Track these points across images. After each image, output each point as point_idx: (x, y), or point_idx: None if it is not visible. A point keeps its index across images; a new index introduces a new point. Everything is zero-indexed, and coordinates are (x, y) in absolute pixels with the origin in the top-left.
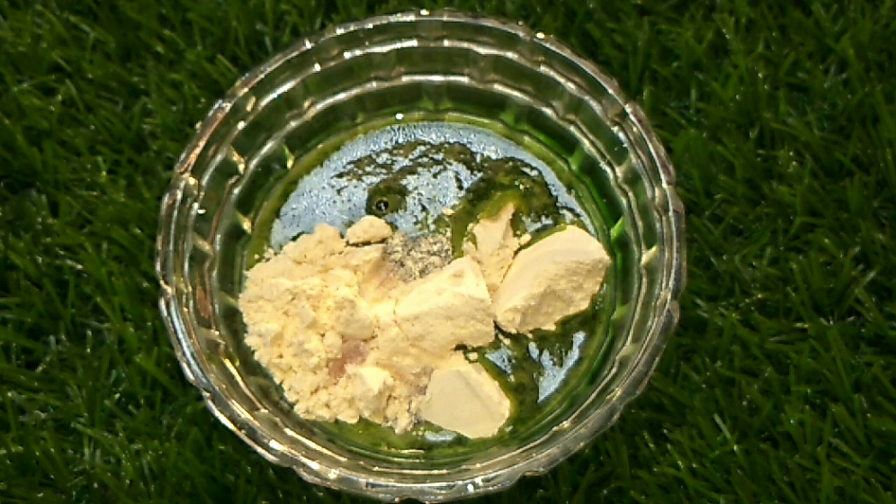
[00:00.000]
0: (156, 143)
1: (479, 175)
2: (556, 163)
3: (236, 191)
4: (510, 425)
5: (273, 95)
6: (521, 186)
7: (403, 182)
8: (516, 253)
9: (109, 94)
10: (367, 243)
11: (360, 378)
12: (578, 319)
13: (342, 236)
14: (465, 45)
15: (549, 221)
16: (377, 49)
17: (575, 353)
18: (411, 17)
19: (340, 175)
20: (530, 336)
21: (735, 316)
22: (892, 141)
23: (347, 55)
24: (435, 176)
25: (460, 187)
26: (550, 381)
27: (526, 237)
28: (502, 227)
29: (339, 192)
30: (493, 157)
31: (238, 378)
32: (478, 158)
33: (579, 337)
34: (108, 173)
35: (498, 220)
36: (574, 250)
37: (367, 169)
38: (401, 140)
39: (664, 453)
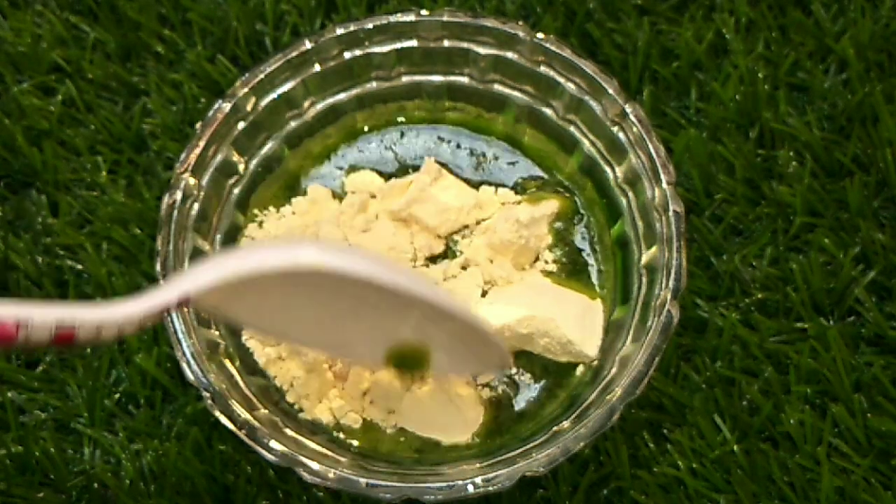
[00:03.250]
0: (156, 143)
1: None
2: (557, 163)
3: (236, 191)
4: (483, 433)
5: (273, 95)
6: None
7: None
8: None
9: (109, 94)
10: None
11: (361, 378)
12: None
13: (334, 195)
14: (465, 45)
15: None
16: (377, 49)
17: None
18: (411, 17)
19: None
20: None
21: (735, 316)
22: (892, 141)
23: (347, 55)
24: None
25: None
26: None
27: (551, 266)
28: (542, 219)
29: None
30: (494, 156)
31: (238, 378)
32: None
33: None
34: (108, 173)
35: (539, 206)
36: (568, 341)
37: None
38: (401, 140)
39: (664, 453)
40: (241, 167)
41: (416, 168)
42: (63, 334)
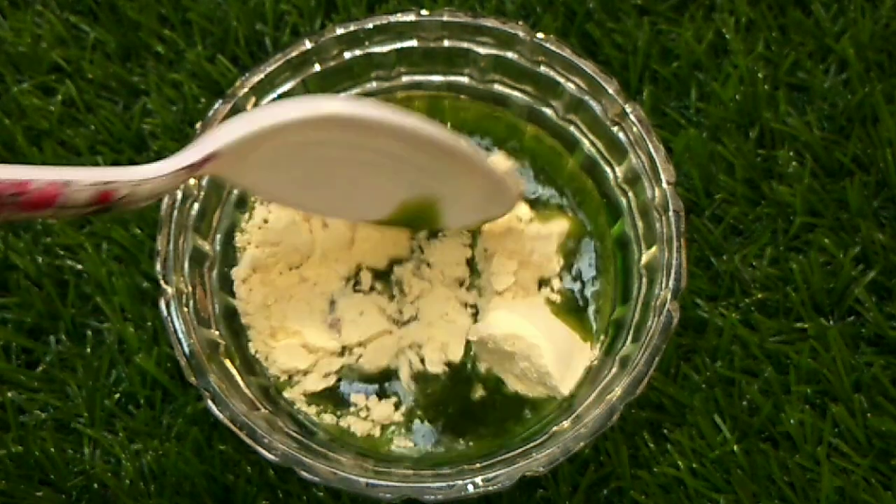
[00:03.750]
0: (156, 143)
1: None
2: (557, 163)
3: (236, 191)
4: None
5: (273, 95)
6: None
7: None
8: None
9: (109, 94)
10: None
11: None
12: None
13: None
14: (465, 45)
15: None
16: (377, 49)
17: None
18: (411, 17)
19: None
20: None
21: (735, 316)
22: (892, 141)
23: (347, 55)
24: None
25: None
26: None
27: (555, 296)
28: (550, 238)
29: None
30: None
31: (238, 378)
32: None
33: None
34: None
35: (547, 225)
36: (546, 373)
37: None
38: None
39: (664, 453)
40: None
41: None
42: (103, 193)
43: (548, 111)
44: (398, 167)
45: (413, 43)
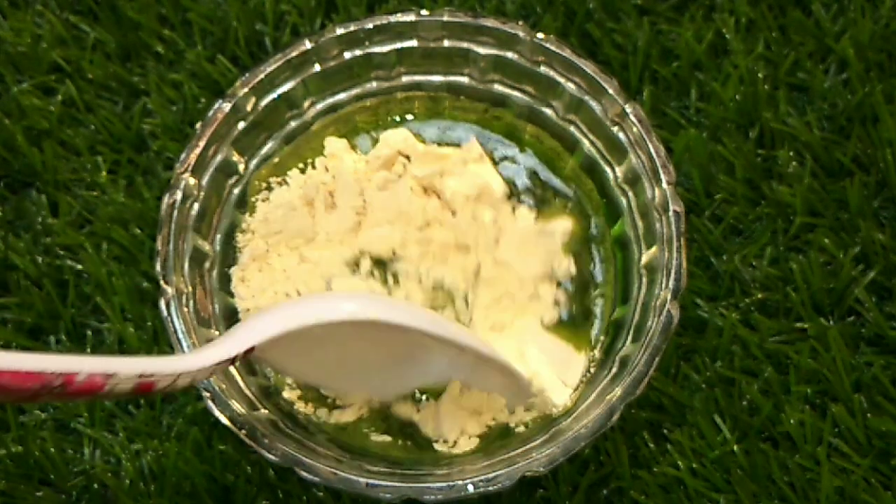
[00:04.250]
0: (156, 143)
1: None
2: (556, 163)
3: (236, 191)
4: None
5: (273, 95)
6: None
7: None
8: None
9: (109, 94)
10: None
11: None
12: None
13: (354, 148)
14: (465, 45)
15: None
16: (377, 49)
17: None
18: (411, 17)
19: None
20: None
21: (735, 316)
22: (892, 141)
23: (347, 55)
24: None
25: None
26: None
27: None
28: (555, 234)
29: None
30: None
31: (238, 378)
32: None
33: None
34: (108, 173)
35: (550, 223)
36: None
37: None
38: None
39: (664, 453)
40: (241, 167)
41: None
42: (144, 384)
43: (548, 111)
44: (421, 361)
45: (413, 43)
